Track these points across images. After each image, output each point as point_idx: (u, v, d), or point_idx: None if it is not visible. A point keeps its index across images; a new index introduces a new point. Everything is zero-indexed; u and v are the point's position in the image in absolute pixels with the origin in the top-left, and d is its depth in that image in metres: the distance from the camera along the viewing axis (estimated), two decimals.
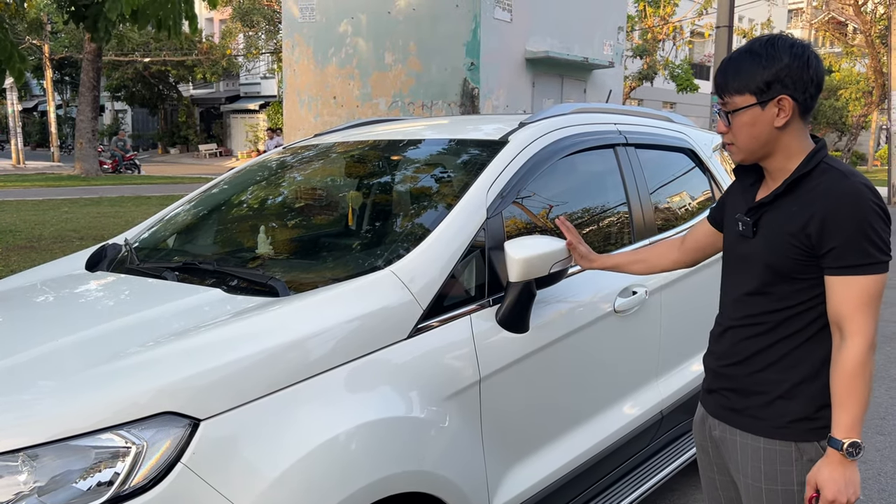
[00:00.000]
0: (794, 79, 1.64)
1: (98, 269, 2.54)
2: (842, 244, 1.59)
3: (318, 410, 1.73)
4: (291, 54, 9.96)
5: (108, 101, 40.82)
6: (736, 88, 1.69)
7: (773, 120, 1.67)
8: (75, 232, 10.05)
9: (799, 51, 1.65)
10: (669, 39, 25.29)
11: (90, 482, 1.49)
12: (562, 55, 9.17)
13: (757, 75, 1.66)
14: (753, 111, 1.68)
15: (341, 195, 3.00)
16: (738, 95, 1.69)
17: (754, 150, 1.73)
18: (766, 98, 1.66)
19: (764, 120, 1.68)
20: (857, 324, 1.59)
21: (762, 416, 1.74)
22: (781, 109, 1.66)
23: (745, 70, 1.68)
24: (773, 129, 1.68)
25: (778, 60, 1.65)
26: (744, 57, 1.70)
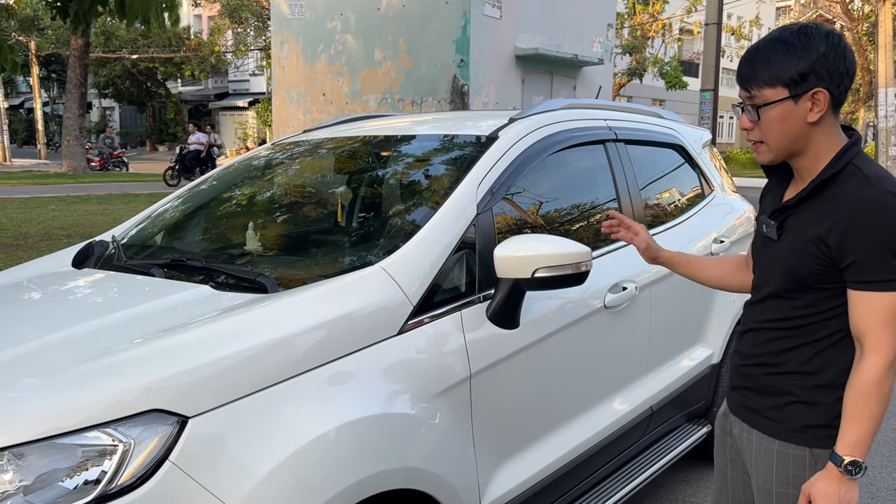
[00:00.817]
0: (831, 70, 1.53)
1: (85, 266, 2.51)
2: (863, 258, 1.51)
3: (307, 407, 1.72)
4: (280, 51, 9.91)
5: (95, 99, 40.55)
6: (766, 80, 1.57)
7: (807, 115, 1.56)
8: (62, 230, 9.98)
9: (835, 40, 1.54)
10: (659, 37, 25.35)
11: (77, 481, 1.47)
12: (551, 52, 9.17)
13: (791, 66, 1.54)
14: (785, 105, 1.57)
15: (330, 191, 2.98)
16: (769, 88, 1.57)
17: (785, 147, 1.62)
18: (800, 91, 1.55)
19: (796, 115, 1.57)
20: (878, 341, 1.52)
21: (778, 418, 1.70)
22: (815, 103, 1.55)
23: (777, 60, 1.56)
24: (805, 124, 1.57)
25: (814, 50, 1.53)
26: (775, 46, 1.58)
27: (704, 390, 3.37)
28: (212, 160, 20.07)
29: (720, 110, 26.27)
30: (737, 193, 3.98)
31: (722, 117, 42.29)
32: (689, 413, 3.35)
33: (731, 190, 3.90)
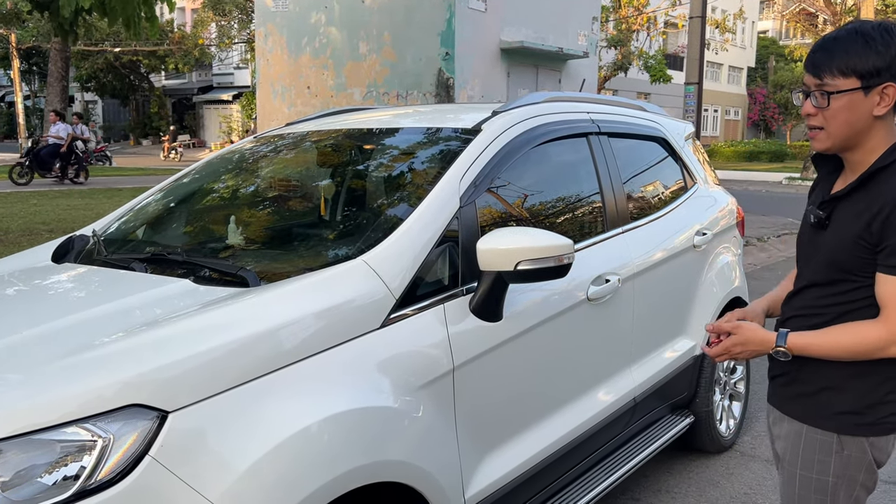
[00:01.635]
0: None
1: (65, 261, 2.49)
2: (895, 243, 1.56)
3: (289, 401, 1.72)
4: (264, 44, 9.85)
5: (77, 92, 40.09)
6: (841, 69, 1.60)
7: (873, 108, 1.61)
8: (44, 224, 9.87)
9: None
10: (643, 30, 25.40)
11: (55, 476, 1.46)
12: (536, 45, 9.17)
13: (868, 59, 1.58)
14: (854, 96, 1.61)
15: (313, 184, 2.97)
16: (842, 77, 1.60)
17: (845, 137, 1.65)
18: (872, 84, 1.59)
19: (864, 107, 1.61)
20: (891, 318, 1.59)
21: (810, 404, 1.74)
22: (884, 98, 1.60)
23: (856, 52, 1.59)
24: (870, 117, 1.61)
25: (893, 47, 1.58)
26: (854, 38, 1.61)
27: (687, 381, 3.39)
28: (76, 156, 17.31)
29: (704, 103, 26.37)
30: (720, 186, 4.00)
31: (706, 111, 42.50)
32: (673, 404, 3.37)
33: (713, 183, 3.93)
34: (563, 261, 2.14)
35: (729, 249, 3.78)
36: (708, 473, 3.55)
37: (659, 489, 3.39)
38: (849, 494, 1.74)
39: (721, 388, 3.72)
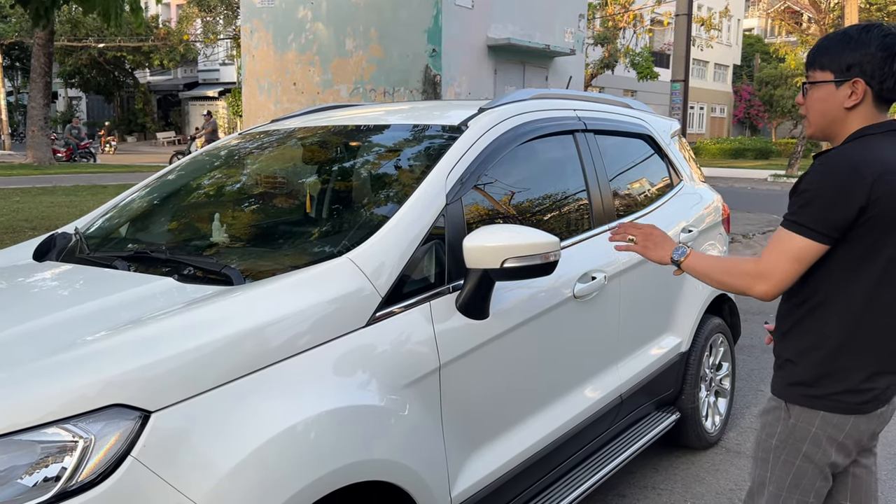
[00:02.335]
0: (875, 67, 1.70)
1: (46, 259, 2.46)
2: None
3: (274, 400, 1.70)
4: (250, 40, 9.79)
5: (61, 88, 39.76)
6: (821, 64, 1.78)
7: (844, 101, 1.75)
8: (27, 222, 9.77)
9: (889, 42, 1.70)
10: (630, 27, 25.46)
11: (36, 478, 1.44)
12: (523, 42, 9.18)
13: (842, 56, 1.74)
14: (828, 88, 1.76)
15: (299, 181, 2.95)
16: (821, 71, 1.78)
17: (822, 125, 1.81)
18: (843, 79, 1.74)
19: (836, 99, 1.76)
20: (768, 257, 1.75)
21: (776, 376, 1.91)
22: (854, 92, 1.73)
23: (834, 49, 1.76)
24: (842, 109, 1.76)
25: (865, 46, 1.71)
26: (840, 37, 1.77)
27: (673, 378, 3.40)
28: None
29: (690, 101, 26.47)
30: (705, 183, 4.01)
31: (692, 108, 42.71)
32: (658, 401, 3.38)
33: (699, 180, 3.94)
34: (550, 258, 2.14)
35: (715, 246, 3.80)
36: (694, 470, 3.56)
37: (645, 486, 3.41)
38: (788, 462, 1.85)
39: (707, 385, 3.74)
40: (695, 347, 3.52)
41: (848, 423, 1.78)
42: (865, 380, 1.77)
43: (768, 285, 1.74)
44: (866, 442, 1.86)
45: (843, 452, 1.82)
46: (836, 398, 1.77)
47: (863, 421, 1.79)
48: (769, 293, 1.75)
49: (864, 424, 1.80)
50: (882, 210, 1.66)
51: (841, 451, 1.82)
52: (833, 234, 1.69)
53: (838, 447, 1.81)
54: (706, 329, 3.61)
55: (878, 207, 1.66)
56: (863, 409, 1.78)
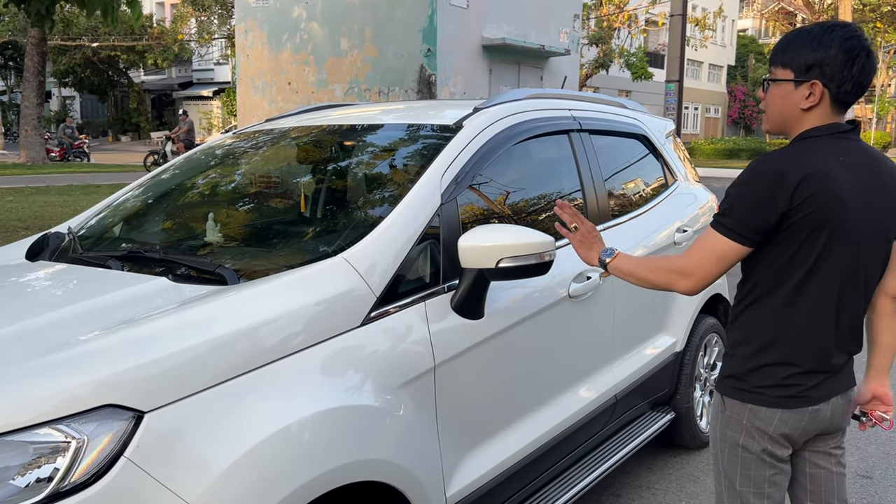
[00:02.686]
0: (834, 70, 1.70)
1: (39, 259, 2.45)
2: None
3: (268, 400, 1.70)
4: (245, 39, 9.77)
5: (55, 87, 39.60)
6: (782, 61, 1.77)
7: (801, 101, 1.74)
8: (20, 221, 9.73)
9: (850, 45, 1.69)
10: (624, 28, 25.51)
11: (28, 479, 1.43)
12: (518, 42, 9.18)
13: (803, 55, 1.73)
14: (787, 87, 1.76)
15: (294, 181, 2.94)
16: (782, 68, 1.78)
17: (777, 123, 1.82)
18: (802, 79, 1.73)
19: (794, 98, 1.75)
20: (693, 255, 1.78)
21: (720, 369, 1.95)
22: (812, 94, 1.73)
23: (798, 48, 1.75)
24: (798, 109, 1.76)
25: (827, 48, 1.70)
26: (801, 35, 1.77)
27: (668, 378, 3.41)
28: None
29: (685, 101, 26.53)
30: (700, 183, 4.02)
31: (687, 108, 42.81)
32: (653, 401, 3.38)
33: (694, 180, 3.94)
34: (545, 258, 2.14)
35: None
36: (689, 469, 3.57)
37: (640, 485, 3.41)
38: (733, 454, 1.87)
39: (701, 385, 3.74)
40: (689, 347, 3.53)
41: (775, 417, 1.80)
42: (791, 376, 1.79)
43: (691, 282, 1.79)
44: (799, 439, 1.84)
45: (777, 444, 1.83)
46: (761, 391, 1.80)
47: (792, 416, 1.80)
48: (692, 289, 1.80)
49: (794, 420, 1.80)
50: (805, 215, 1.67)
51: (774, 442, 1.83)
52: (755, 238, 1.72)
53: (770, 439, 1.82)
54: (701, 329, 3.62)
55: (801, 213, 1.67)
56: (788, 404, 1.79)
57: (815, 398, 1.80)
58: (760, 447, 1.83)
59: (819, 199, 1.66)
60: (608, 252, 1.98)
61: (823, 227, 1.68)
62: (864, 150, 1.78)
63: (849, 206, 1.69)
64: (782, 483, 1.88)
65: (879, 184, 1.76)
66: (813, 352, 1.78)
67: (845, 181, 1.69)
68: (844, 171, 1.70)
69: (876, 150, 1.85)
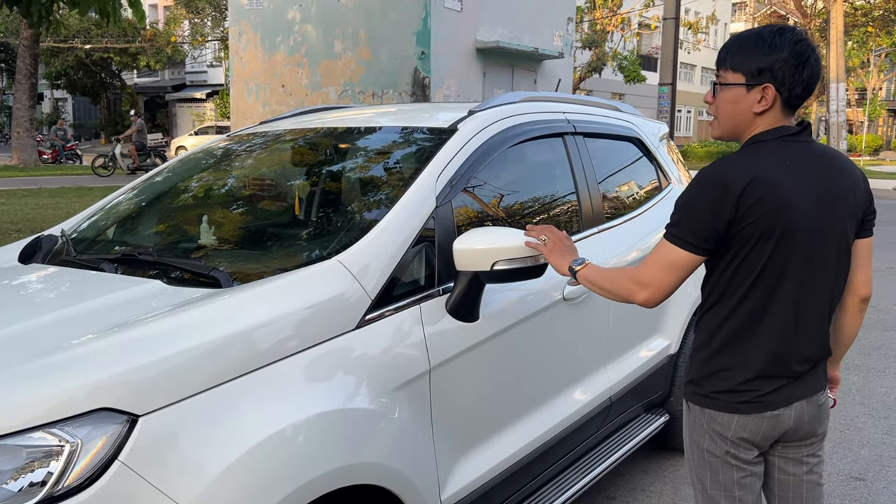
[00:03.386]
0: (785, 73, 1.69)
1: (32, 262, 2.43)
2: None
3: (263, 404, 1.69)
4: (238, 42, 9.76)
5: (47, 90, 39.44)
6: (732, 65, 1.75)
7: (754, 105, 1.73)
8: (12, 224, 9.69)
9: (801, 48, 1.69)
10: (618, 31, 25.59)
11: (21, 483, 1.42)
12: (512, 45, 9.19)
13: (754, 59, 1.71)
14: (738, 91, 1.74)
15: (288, 183, 2.94)
16: (732, 72, 1.75)
17: (730, 127, 1.80)
18: (754, 83, 1.72)
19: (745, 102, 1.74)
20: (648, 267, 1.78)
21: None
22: (764, 97, 1.72)
23: (748, 51, 1.73)
24: (750, 113, 1.74)
25: (778, 51, 1.69)
26: (751, 38, 1.75)
27: (662, 381, 3.41)
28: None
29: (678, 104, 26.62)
30: None
31: (680, 111, 42.95)
32: (648, 403, 3.39)
33: (687, 183, 3.95)
34: (540, 260, 2.14)
35: None
36: (683, 472, 3.57)
37: (634, 488, 3.41)
38: (701, 458, 1.88)
39: None
40: (684, 349, 3.53)
41: (732, 422, 1.80)
42: (745, 382, 1.78)
43: (647, 293, 1.78)
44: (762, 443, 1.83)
45: (739, 447, 1.83)
46: (716, 397, 1.81)
47: (749, 421, 1.79)
48: (650, 301, 1.79)
49: (752, 425, 1.79)
50: (752, 222, 1.67)
51: (735, 446, 1.82)
52: (705, 246, 1.72)
53: (731, 443, 1.82)
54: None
55: (748, 220, 1.67)
56: (743, 409, 1.79)
57: (774, 403, 1.78)
58: (723, 450, 1.83)
59: (764, 205, 1.66)
60: (578, 261, 1.97)
61: (771, 232, 1.68)
62: (815, 151, 1.76)
63: (796, 211, 1.68)
64: (752, 485, 1.87)
65: (833, 185, 1.74)
66: (767, 357, 1.77)
67: (792, 186, 1.68)
68: (791, 176, 1.69)
69: (830, 149, 1.83)
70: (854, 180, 1.79)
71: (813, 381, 1.83)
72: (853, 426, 4.13)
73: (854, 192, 1.78)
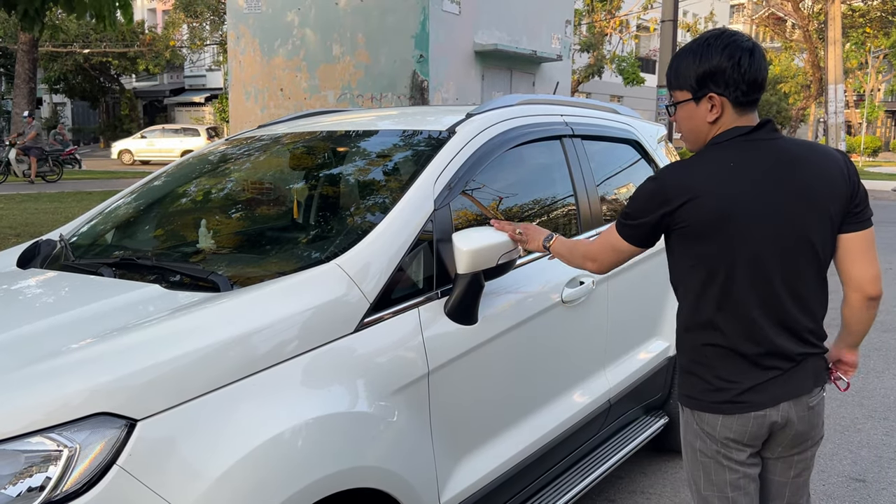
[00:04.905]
0: (726, 79, 1.74)
1: (30, 266, 2.43)
2: None
3: (261, 408, 1.69)
4: (237, 45, 9.76)
5: (46, 94, 39.43)
6: (678, 85, 1.83)
7: (706, 115, 1.79)
8: (11, 229, 9.69)
9: (730, 51, 1.73)
10: (616, 33, 25.62)
11: (20, 488, 1.42)
12: (510, 48, 9.20)
13: (690, 73, 1.78)
14: (689, 106, 1.81)
15: (286, 187, 2.94)
16: (679, 91, 1.83)
17: (694, 140, 1.86)
18: (699, 95, 1.78)
19: (698, 115, 1.80)
20: (599, 243, 1.99)
21: None
22: (714, 106, 1.77)
23: (685, 66, 1.80)
24: (706, 123, 1.80)
25: (708, 60, 1.75)
26: (685, 54, 1.82)
27: (661, 383, 3.41)
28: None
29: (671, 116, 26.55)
30: None
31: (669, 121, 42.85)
32: (647, 405, 3.39)
33: None
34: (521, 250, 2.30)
35: None
36: (682, 474, 3.57)
37: (634, 490, 3.41)
38: (694, 459, 1.92)
39: None
40: None
41: (717, 422, 1.82)
42: (720, 380, 1.80)
43: (595, 266, 2.03)
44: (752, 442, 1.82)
45: (728, 448, 1.83)
46: (699, 397, 1.85)
47: (735, 421, 1.79)
48: (597, 271, 2.05)
49: (738, 425, 1.80)
50: (686, 224, 1.75)
51: (724, 446, 1.83)
52: (640, 240, 1.88)
53: (720, 443, 1.84)
54: None
55: (681, 221, 1.75)
56: (725, 409, 1.80)
57: (758, 404, 1.78)
58: (713, 450, 1.85)
59: (695, 208, 1.72)
60: (548, 237, 2.19)
61: (707, 232, 1.74)
62: (774, 148, 1.76)
63: (733, 210, 1.71)
64: (747, 487, 1.86)
65: (790, 179, 1.73)
66: (734, 357, 1.78)
67: (731, 186, 1.72)
68: (733, 176, 1.73)
69: (798, 143, 1.81)
70: (823, 173, 1.76)
71: (798, 383, 1.81)
72: (853, 427, 4.13)
73: (821, 185, 1.75)
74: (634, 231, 1.87)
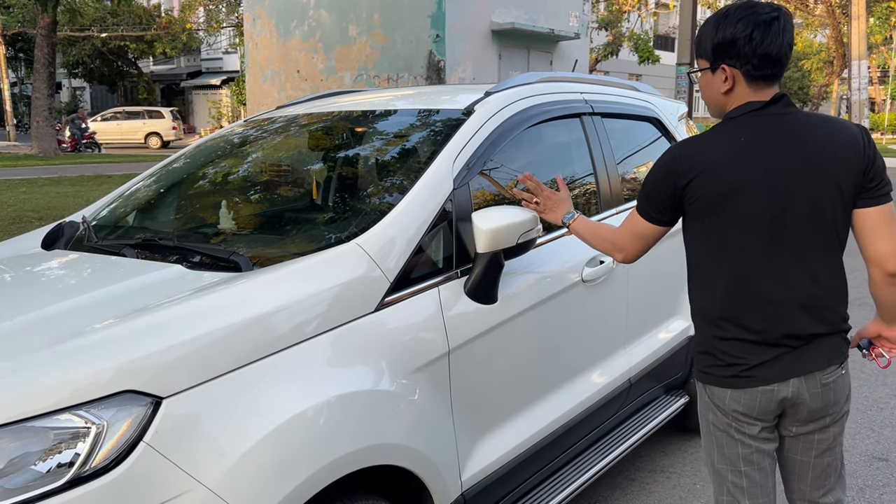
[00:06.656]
0: (738, 50, 1.74)
1: (55, 248, 2.46)
2: None
3: (284, 386, 1.71)
4: (253, 27, 9.75)
5: (65, 79, 39.67)
6: (699, 53, 1.86)
7: (720, 86, 1.81)
8: (34, 212, 9.80)
9: (745, 24, 1.73)
10: (635, 11, 25.29)
11: (49, 464, 1.45)
12: (528, 26, 9.11)
13: (709, 43, 1.80)
14: (706, 75, 1.84)
15: (305, 168, 2.94)
16: (700, 60, 1.86)
17: (714, 109, 1.89)
18: (715, 65, 1.80)
19: (714, 85, 1.83)
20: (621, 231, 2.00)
21: None
22: (727, 77, 1.79)
23: (704, 37, 1.82)
24: (720, 94, 1.82)
25: (723, 31, 1.76)
26: (707, 23, 1.84)
27: (681, 362, 3.40)
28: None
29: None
30: None
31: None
32: (667, 384, 3.38)
33: None
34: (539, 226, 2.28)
35: None
36: (702, 453, 3.56)
37: (654, 469, 3.41)
38: (709, 433, 1.94)
39: None
40: None
41: (726, 396, 1.84)
42: (728, 355, 1.82)
43: (623, 255, 2.02)
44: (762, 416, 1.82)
45: (739, 421, 1.84)
46: (709, 371, 1.87)
47: (742, 395, 1.81)
48: (625, 261, 2.04)
49: (746, 399, 1.80)
50: (697, 197, 1.77)
51: (735, 420, 1.85)
52: (662, 217, 1.89)
53: (731, 416, 1.85)
54: None
55: (693, 195, 1.78)
56: (733, 383, 1.81)
57: (766, 378, 1.78)
58: (725, 423, 1.87)
59: (705, 181, 1.74)
60: (570, 215, 2.18)
61: (716, 207, 1.76)
62: (787, 122, 1.75)
63: (742, 184, 1.72)
64: (761, 462, 1.87)
65: (802, 154, 1.72)
66: (745, 332, 1.78)
67: (740, 160, 1.73)
68: (743, 150, 1.74)
69: (811, 118, 1.79)
70: (833, 142, 1.73)
71: (810, 359, 1.79)
72: (875, 407, 4.10)
73: (829, 152, 1.73)
74: (653, 208, 1.88)
